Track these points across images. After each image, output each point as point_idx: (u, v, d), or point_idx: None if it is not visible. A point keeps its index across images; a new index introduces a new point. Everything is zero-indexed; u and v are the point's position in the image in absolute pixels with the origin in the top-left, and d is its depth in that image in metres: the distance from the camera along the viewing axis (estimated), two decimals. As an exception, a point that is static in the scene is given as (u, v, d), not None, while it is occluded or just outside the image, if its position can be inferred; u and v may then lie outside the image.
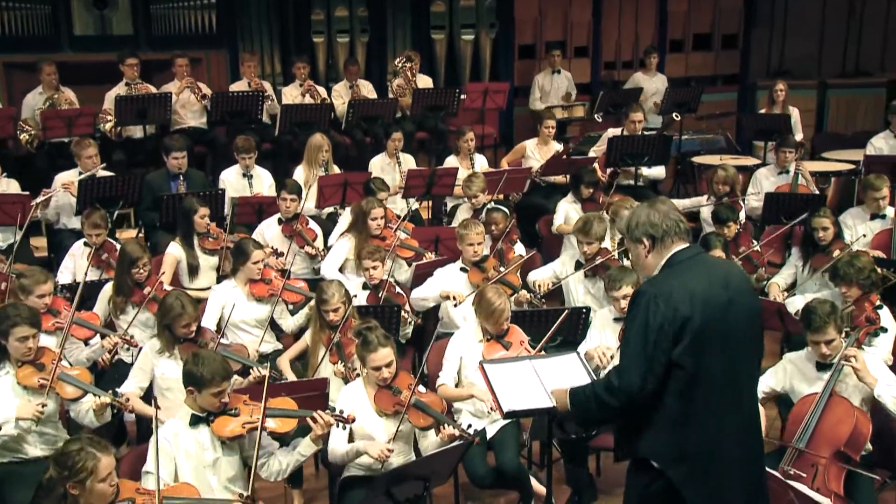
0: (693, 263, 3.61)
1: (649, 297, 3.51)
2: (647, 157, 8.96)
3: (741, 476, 3.59)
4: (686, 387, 3.48)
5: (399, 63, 10.68)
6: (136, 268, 6.03)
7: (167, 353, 5.20)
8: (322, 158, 8.61)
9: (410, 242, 7.13)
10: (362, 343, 4.64)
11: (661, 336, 3.45)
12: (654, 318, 3.47)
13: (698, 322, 3.44)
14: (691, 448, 3.52)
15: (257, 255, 6.17)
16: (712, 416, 3.51)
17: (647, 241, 3.63)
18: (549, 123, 9.33)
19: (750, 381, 3.67)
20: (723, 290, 3.54)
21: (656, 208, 3.66)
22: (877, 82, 13.31)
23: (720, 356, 3.48)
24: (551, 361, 4.23)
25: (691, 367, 3.46)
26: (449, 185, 8.53)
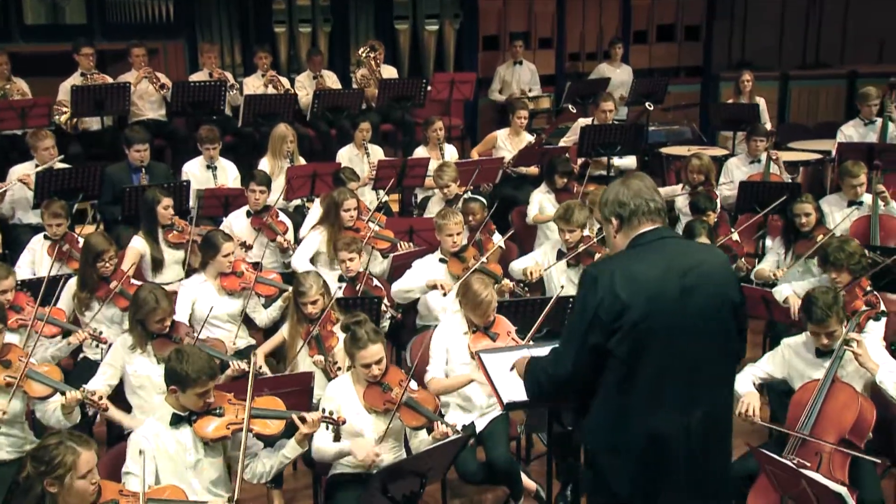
0: (653, 247, 3.30)
1: (590, 279, 3.27)
2: (620, 146, 8.84)
3: (688, 480, 3.28)
4: (622, 379, 3.22)
5: (363, 53, 10.46)
6: (102, 261, 5.76)
7: (140, 349, 4.95)
8: (287, 149, 8.36)
9: (385, 233, 6.92)
10: (351, 339, 4.43)
11: (596, 322, 3.19)
12: (590, 301, 3.21)
13: (639, 311, 3.15)
14: (626, 443, 3.26)
15: (227, 247, 5.93)
16: (652, 413, 3.22)
17: (615, 220, 3.36)
18: (521, 114, 9.17)
19: (713, 380, 3.30)
20: (678, 278, 3.22)
21: (628, 185, 3.38)
22: (837, 73, 13.38)
23: (665, 350, 3.19)
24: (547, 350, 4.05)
25: (627, 359, 3.18)
26: (420, 175, 8.34)
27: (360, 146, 8.82)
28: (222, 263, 5.93)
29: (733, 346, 3.37)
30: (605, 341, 3.20)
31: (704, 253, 3.46)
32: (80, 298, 5.75)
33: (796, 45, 13.90)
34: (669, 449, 3.24)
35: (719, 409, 3.36)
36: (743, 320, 3.42)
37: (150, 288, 5.00)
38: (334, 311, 5.31)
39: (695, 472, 3.29)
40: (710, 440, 3.31)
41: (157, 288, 5.03)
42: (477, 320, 5.07)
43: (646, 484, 3.28)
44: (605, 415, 3.30)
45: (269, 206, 7.35)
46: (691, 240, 5.94)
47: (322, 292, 5.27)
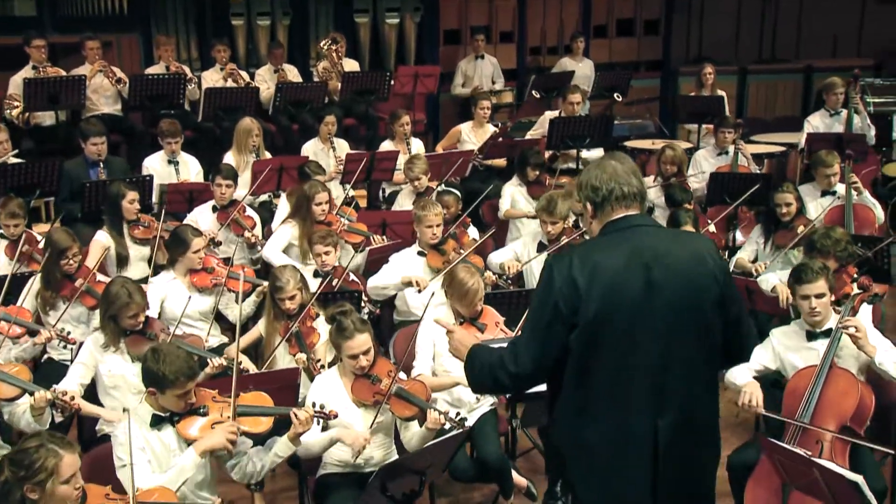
0: (622, 236, 3.05)
1: (547, 268, 3.07)
2: (589, 139, 8.76)
3: (657, 489, 3.05)
4: (579, 375, 3.01)
5: (324, 45, 10.25)
6: (66, 258, 5.53)
7: (112, 347, 4.72)
8: (252, 143, 8.14)
9: (358, 227, 6.74)
10: (337, 329, 4.26)
11: (557, 314, 2.97)
12: (549, 292, 3.00)
13: (595, 304, 2.94)
14: (586, 443, 3.05)
15: (197, 243, 5.72)
16: (613, 413, 3.00)
17: (590, 205, 3.14)
18: (484, 104, 9.05)
19: (688, 380, 3.03)
20: (642, 270, 2.97)
21: (603, 167, 3.12)
22: (794, 68, 13.46)
23: (625, 347, 2.97)
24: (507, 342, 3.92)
25: (581, 354, 2.98)
26: (389, 169, 8.18)
27: (325, 140, 8.62)
28: (192, 260, 5.72)
29: (714, 343, 3.07)
30: (567, 335, 2.98)
31: (680, 243, 3.15)
32: (44, 297, 5.50)
33: (753, 40, 13.95)
34: (633, 453, 3.02)
35: (697, 412, 3.09)
36: (733, 313, 3.11)
37: (122, 282, 4.78)
38: (313, 307, 5.12)
39: (665, 480, 3.04)
40: (686, 446, 3.06)
41: (129, 281, 4.81)
42: (464, 311, 4.93)
43: (608, 487, 3.07)
44: (566, 411, 3.11)
45: (236, 200, 7.14)
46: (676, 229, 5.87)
47: (300, 287, 5.09)
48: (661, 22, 13.25)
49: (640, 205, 3.12)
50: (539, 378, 3.09)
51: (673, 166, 7.90)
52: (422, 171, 7.58)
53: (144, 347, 4.64)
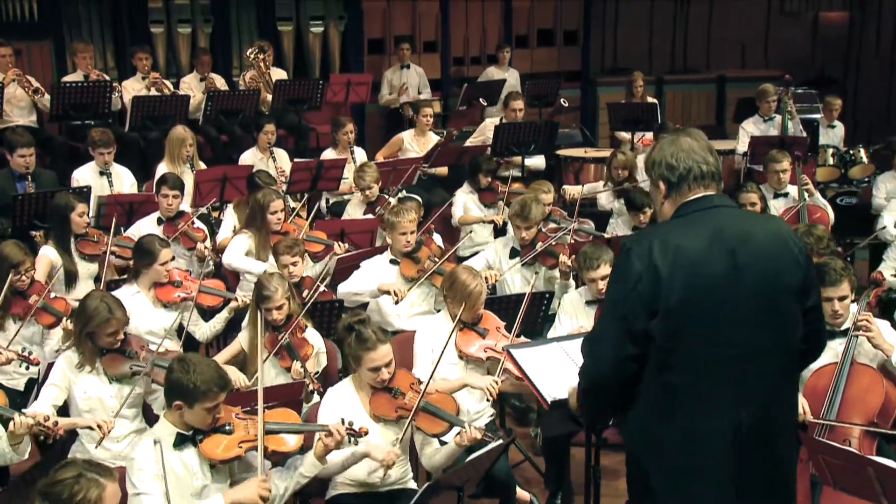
0: (701, 217, 2.86)
1: (624, 253, 2.86)
2: (533, 145, 8.63)
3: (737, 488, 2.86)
4: (660, 367, 2.82)
5: (251, 54, 9.85)
6: (17, 274, 5.07)
7: (88, 367, 4.30)
8: (186, 153, 7.72)
9: (317, 235, 6.42)
10: (357, 340, 3.95)
11: (636, 301, 2.78)
12: (628, 278, 2.80)
13: (677, 290, 2.76)
14: (665, 440, 2.86)
15: (165, 254, 5.33)
16: (694, 407, 2.82)
17: (663, 184, 2.94)
18: (426, 112, 8.85)
19: (769, 373, 2.85)
20: (727, 254, 2.79)
21: (679, 145, 2.93)
22: (706, 78, 13.69)
23: (709, 336, 2.79)
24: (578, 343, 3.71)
25: (664, 344, 2.78)
26: (335, 178, 7.88)
27: (264, 150, 8.27)
28: (159, 272, 5.32)
29: (795, 333, 2.91)
30: (647, 324, 2.78)
31: (761, 224, 2.96)
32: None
33: (665, 50, 14.17)
34: (715, 450, 2.83)
35: (779, 406, 2.91)
36: (813, 300, 2.95)
37: (101, 296, 4.36)
38: (302, 318, 4.80)
39: (749, 479, 2.86)
40: (768, 442, 2.88)
41: (108, 296, 4.41)
42: (465, 315, 4.69)
43: (688, 488, 2.87)
44: (641, 408, 2.90)
45: (183, 211, 6.74)
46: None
47: (288, 296, 4.75)
48: (579, 32, 13.29)
49: (717, 184, 2.94)
50: (620, 373, 2.85)
51: (624, 171, 7.84)
52: (373, 179, 7.32)
53: (123, 367, 4.29)
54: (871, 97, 13.51)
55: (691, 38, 14.14)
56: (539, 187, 6.86)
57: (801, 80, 13.54)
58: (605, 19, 13.81)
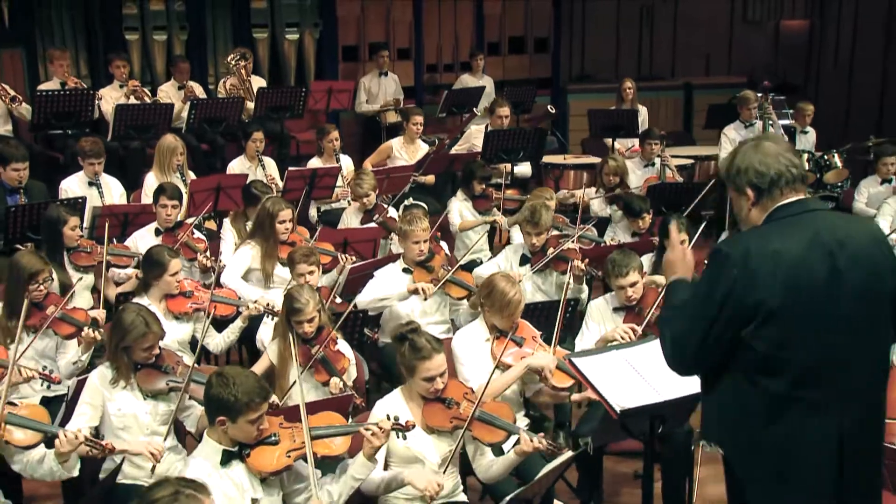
0: (798, 221, 2.86)
1: (720, 258, 2.84)
2: (522, 152, 8.63)
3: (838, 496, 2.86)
4: (757, 373, 2.81)
5: (232, 60, 9.71)
6: (35, 283, 4.90)
7: (123, 383, 4.16)
8: (176, 162, 7.56)
9: (324, 246, 6.32)
10: (411, 349, 3.89)
11: (728, 308, 2.78)
12: (722, 285, 2.79)
13: (779, 295, 2.75)
14: (767, 444, 2.85)
15: (175, 265, 5.21)
16: (795, 413, 2.81)
17: (752, 192, 2.92)
18: (416, 119, 8.77)
19: (867, 378, 2.86)
20: (827, 257, 2.79)
21: (764, 150, 2.92)
22: (673, 85, 13.83)
23: (810, 342, 2.78)
24: (641, 350, 3.70)
25: (765, 351, 2.78)
26: (329, 186, 7.79)
27: (252, 158, 8.14)
28: (170, 284, 5.20)
29: (889, 338, 2.93)
30: (738, 330, 2.79)
31: (857, 227, 2.97)
32: (5, 329, 4.82)
33: (631, 58, 14.28)
34: (817, 455, 2.83)
35: (876, 412, 2.93)
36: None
37: (137, 309, 4.23)
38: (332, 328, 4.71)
39: (850, 484, 2.86)
40: (869, 446, 2.90)
41: (144, 309, 4.27)
42: (502, 324, 4.64)
43: (789, 494, 2.87)
44: (738, 414, 2.88)
45: (182, 221, 6.60)
46: (668, 236, 5.76)
47: (319, 308, 4.66)
48: (549, 39, 13.34)
49: (805, 187, 2.95)
50: (696, 370, 2.89)
51: (615, 177, 7.89)
52: (370, 187, 7.24)
53: (159, 383, 4.17)
54: (830, 104, 13.76)
55: (657, 45, 14.28)
56: (541, 194, 6.85)
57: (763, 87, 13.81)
58: (573, 27, 13.89)
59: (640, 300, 4.97)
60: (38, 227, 6.45)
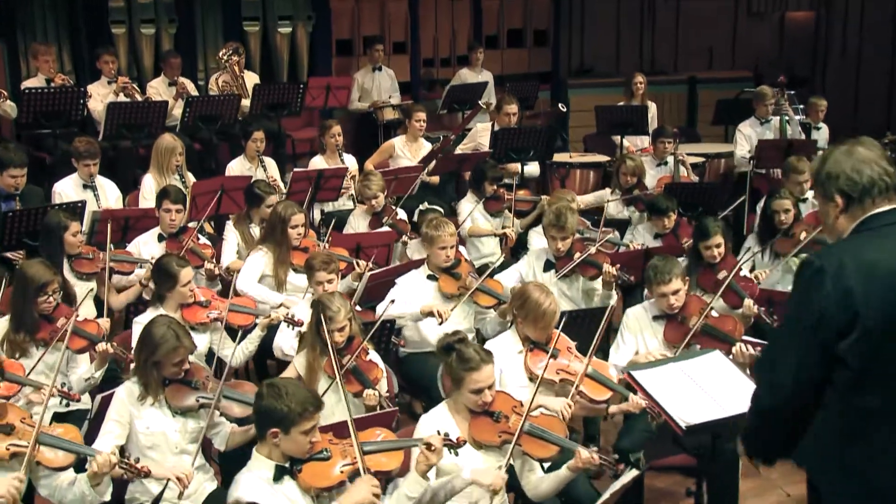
0: (890, 232, 2.85)
1: (813, 273, 2.81)
2: (533, 150, 8.63)
3: None
4: (851, 391, 2.79)
5: (224, 56, 9.65)
6: (44, 295, 4.87)
7: (152, 399, 4.13)
8: (175, 163, 7.52)
9: (339, 251, 6.30)
10: (459, 360, 3.89)
11: (824, 323, 2.76)
12: (814, 298, 2.78)
13: (875, 311, 2.74)
14: (860, 469, 2.83)
15: (186, 274, 5.20)
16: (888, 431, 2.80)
17: (842, 199, 2.90)
18: (419, 116, 8.75)
19: None
20: None
21: (857, 155, 2.90)
22: (677, 79, 13.86)
23: None
24: (697, 363, 3.73)
25: (858, 368, 2.76)
26: (335, 188, 7.77)
27: (253, 158, 8.10)
28: (184, 294, 5.18)
29: None
30: (835, 347, 2.76)
31: None
32: (13, 343, 4.79)
33: (633, 52, 14.34)
34: None
35: None
36: None
37: (167, 322, 4.20)
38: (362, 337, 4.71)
39: None
40: None
41: (174, 321, 4.25)
42: (536, 335, 4.66)
43: None
44: (830, 433, 2.86)
45: (187, 226, 6.56)
46: (706, 238, 5.78)
47: (350, 316, 4.65)
48: (549, 32, 13.35)
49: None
50: (800, 400, 2.82)
51: (633, 177, 7.92)
52: (379, 188, 7.24)
53: (189, 399, 4.15)
54: (838, 96, 13.84)
55: (659, 38, 14.34)
56: (563, 195, 6.86)
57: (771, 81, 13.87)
58: (573, 20, 13.92)
59: (683, 308, 4.98)
60: (35, 233, 6.43)
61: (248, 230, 6.79)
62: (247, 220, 6.83)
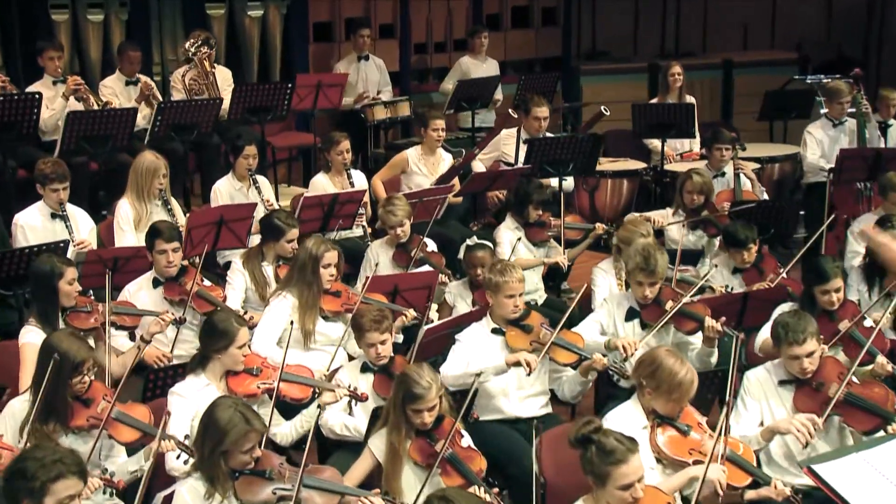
0: None
1: None
2: (573, 164, 8.76)
3: None
4: None
5: (192, 48, 9.64)
6: (79, 374, 4.89)
7: (220, 497, 4.21)
8: (158, 186, 7.54)
9: (375, 297, 6.39)
10: (600, 454, 4.04)
11: None
12: None
13: None
14: None
15: (244, 335, 5.27)
16: None
17: None
18: (437, 125, 8.83)
19: None
20: None
21: None
22: (708, 63, 14.02)
23: None
24: (883, 450, 3.89)
25: None
26: (351, 214, 7.87)
27: (243, 178, 8.13)
28: (235, 358, 5.27)
29: None
30: None
31: None
32: (39, 434, 4.79)
33: (654, 31, 14.54)
34: None
35: None
36: None
37: (233, 403, 4.31)
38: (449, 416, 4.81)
39: None
40: None
41: (240, 402, 4.35)
42: (667, 409, 4.80)
43: None
44: None
45: (186, 267, 6.61)
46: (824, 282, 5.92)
47: (442, 392, 4.75)
48: (559, 10, 13.50)
49: None
50: None
51: (700, 196, 7.99)
52: (405, 214, 7.35)
53: (263, 492, 4.29)
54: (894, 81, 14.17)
55: (685, 14, 14.55)
56: (635, 226, 6.95)
57: (818, 64, 14.17)
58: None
59: (817, 373, 5.14)
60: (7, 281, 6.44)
61: (259, 270, 6.85)
62: (259, 258, 6.88)
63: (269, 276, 6.85)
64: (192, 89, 9.57)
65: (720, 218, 7.93)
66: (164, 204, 7.58)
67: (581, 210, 9.96)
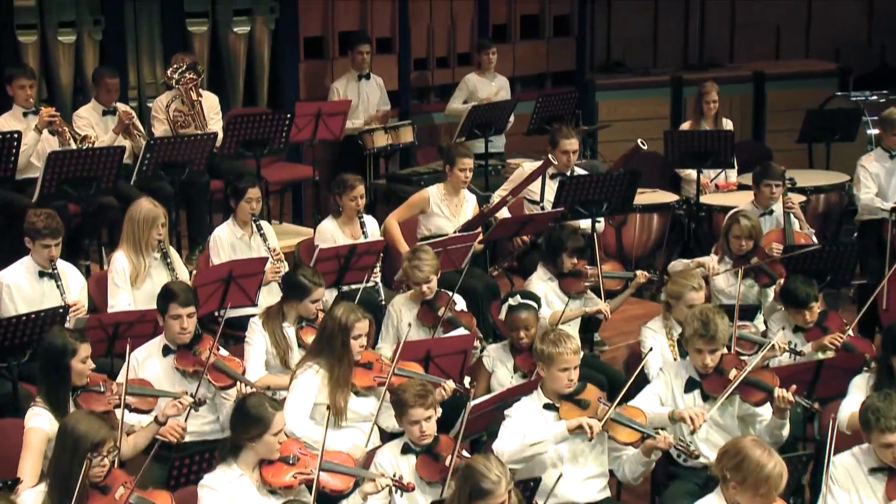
0: None
1: None
2: (607, 203, 8.99)
3: None
4: None
5: (175, 74, 9.81)
6: (99, 455, 5.12)
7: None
8: (157, 237, 7.72)
9: (410, 367, 6.62)
10: None
11: None
12: None
13: None
14: None
15: (279, 420, 5.48)
16: None
17: None
18: (465, 164, 8.93)
19: None
20: None
21: None
22: (737, 76, 14.28)
23: None
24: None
25: None
26: (368, 266, 8.07)
27: (246, 223, 8.32)
28: (271, 446, 5.47)
29: None
30: None
31: None
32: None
33: (675, 41, 14.82)
34: None
35: None
36: None
37: None
38: None
39: None
40: None
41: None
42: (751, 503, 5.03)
43: None
44: None
45: (202, 334, 6.81)
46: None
47: (511, 487, 4.99)
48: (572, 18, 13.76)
49: None
50: None
51: (749, 241, 8.17)
52: (433, 270, 7.52)
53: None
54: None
55: (710, 20, 14.84)
56: (685, 279, 7.18)
57: (859, 74, 14.46)
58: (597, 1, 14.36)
59: (911, 461, 5.40)
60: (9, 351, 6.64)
61: (280, 331, 7.04)
62: (279, 318, 7.08)
63: (291, 339, 7.04)
64: (176, 121, 9.71)
65: (773, 266, 8.16)
66: (162, 256, 7.76)
67: (607, 248, 10.12)
